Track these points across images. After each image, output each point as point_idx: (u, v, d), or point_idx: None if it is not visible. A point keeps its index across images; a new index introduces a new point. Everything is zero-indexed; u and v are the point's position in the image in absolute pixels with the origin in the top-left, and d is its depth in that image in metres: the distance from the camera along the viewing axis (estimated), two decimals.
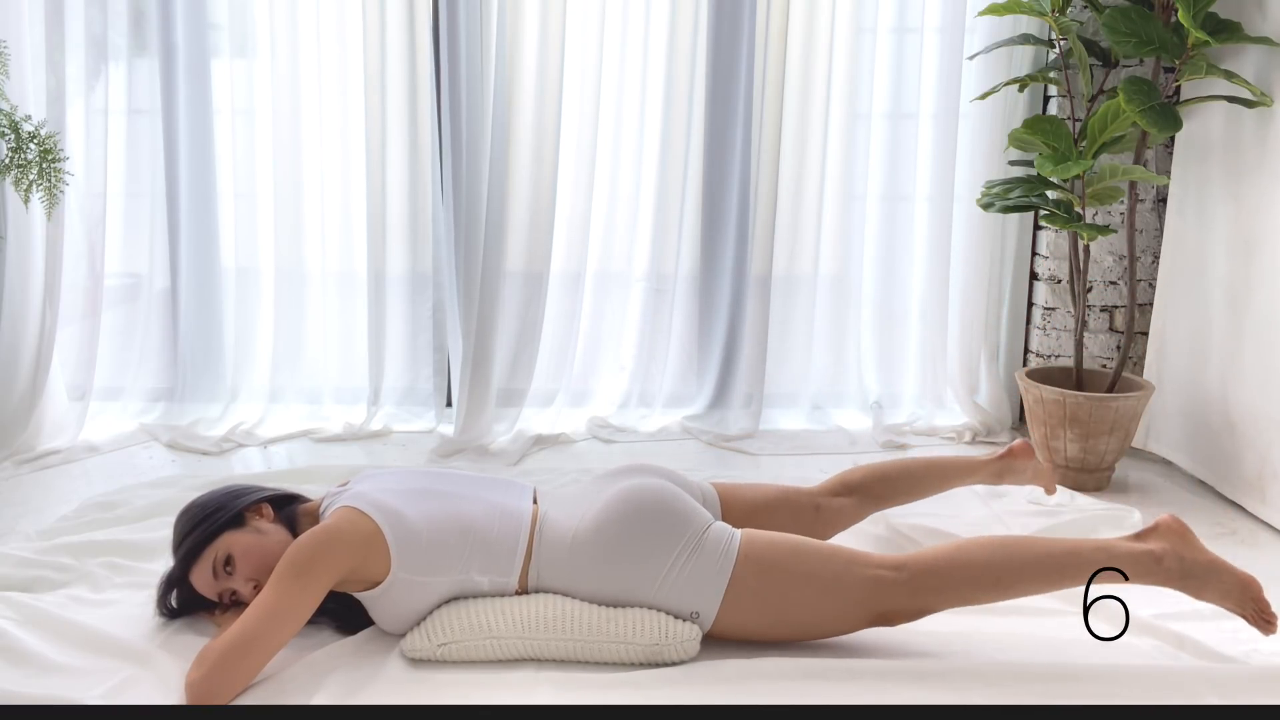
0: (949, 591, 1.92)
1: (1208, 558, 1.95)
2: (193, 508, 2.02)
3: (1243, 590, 1.93)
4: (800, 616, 1.92)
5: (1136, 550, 1.94)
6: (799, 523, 2.20)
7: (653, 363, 3.43)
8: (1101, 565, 1.92)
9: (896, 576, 1.90)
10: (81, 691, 1.76)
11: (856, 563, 1.93)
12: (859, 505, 2.29)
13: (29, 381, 3.09)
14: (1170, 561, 1.93)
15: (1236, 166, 2.80)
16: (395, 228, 3.30)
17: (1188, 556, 1.94)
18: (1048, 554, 1.94)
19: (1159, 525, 1.99)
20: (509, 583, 1.96)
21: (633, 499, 1.96)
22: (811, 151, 3.30)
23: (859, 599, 1.91)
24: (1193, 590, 1.94)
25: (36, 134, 2.55)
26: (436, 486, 2.04)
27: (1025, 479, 2.44)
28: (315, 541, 1.86)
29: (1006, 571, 1.92)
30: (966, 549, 1.94)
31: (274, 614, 1.80)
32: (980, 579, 1.92)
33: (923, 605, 1.92)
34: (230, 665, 1.76)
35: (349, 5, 3.22)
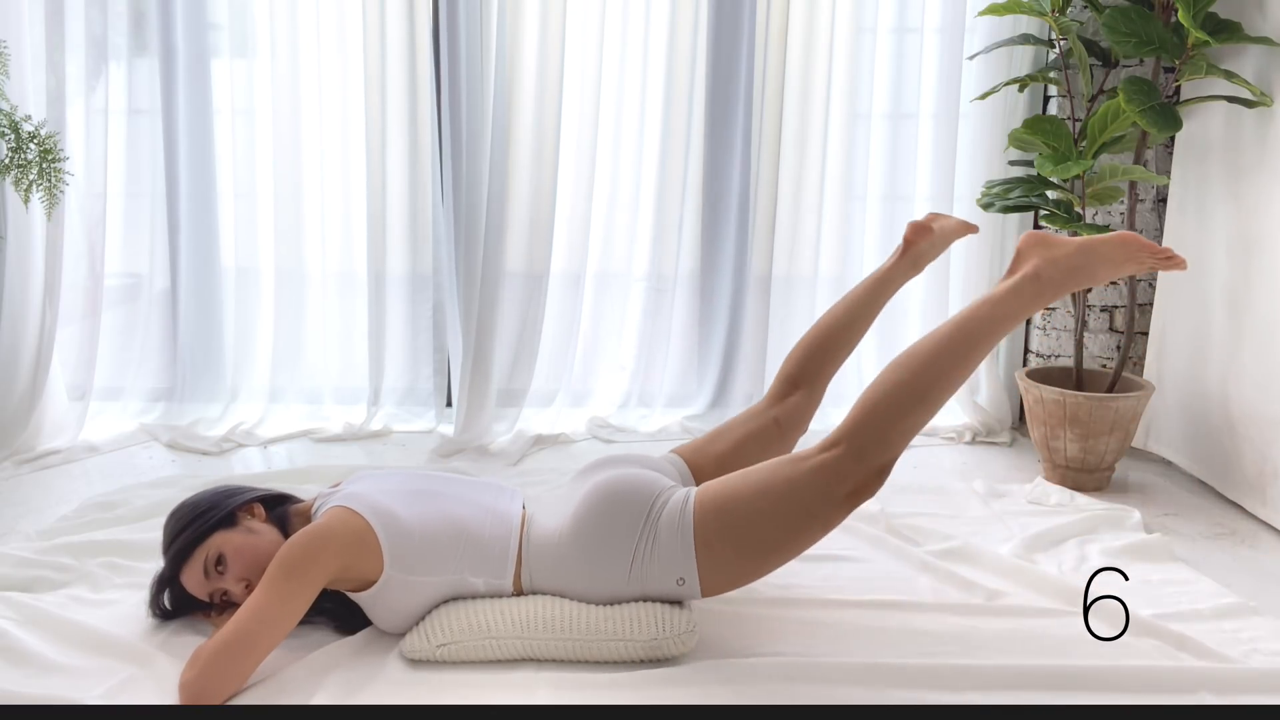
0: (889, 433, 1.85)
1: (1076, 244, 1.92)
2: (183, 508, 2.02)
3: (1125, 248, 1.90)
4: (775, 535, 1.88)
5: (1015, 282, 1.91)
6: (769, 446, 2.18)
7: (653, 363, 3.43)
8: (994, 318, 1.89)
9: (837, 453, 1.85)
10: (81, 691, 1.76)
11: (797, 460, 1.88)
12: (810, 392, 2.24)
13: (29, 381, 3.10)
14: (1048, 270, 1.90)
15: (1236, 166, 2.80)
16: (395, 228, 3.31)
17: (1059, 256, 1.91)
18: (945, 337, 1.88)
19: (1019, 249, 1.96)
20: (504, 585, 1.96)
21: (595, 495, 1.96)
22: (811, 151, 3.30)
23: (818, 492, 1.85)
24: (1086, 279, 1.91)
25: (36, 134, 2.55)
26: (429, 487, 2.04)
27: (940, 248, 2.36)
28: (307, 540, 1.86)
29: (920, 380, 1.86)
30: (878, 387, 1.88)
31: (266, 614, 1.79)
32: (905, 404, 1.85)
33: (876, 461, 1.85)
34: (223, 665, 1.76)
35: (349, 5, 3.22)
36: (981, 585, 2.22)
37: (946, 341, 1.87)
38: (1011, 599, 2.18)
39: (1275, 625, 2.09)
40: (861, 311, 2.29)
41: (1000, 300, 1.90)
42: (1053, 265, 1.90)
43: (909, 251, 2.31)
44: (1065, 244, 1.92)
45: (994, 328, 1.89)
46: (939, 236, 2.34)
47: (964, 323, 1.89)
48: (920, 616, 2.11)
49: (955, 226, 2.37)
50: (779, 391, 2.25)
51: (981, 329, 1.88)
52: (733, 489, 1.91)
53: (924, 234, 2.32)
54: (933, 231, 2.33)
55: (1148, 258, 1.90)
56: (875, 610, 2.12)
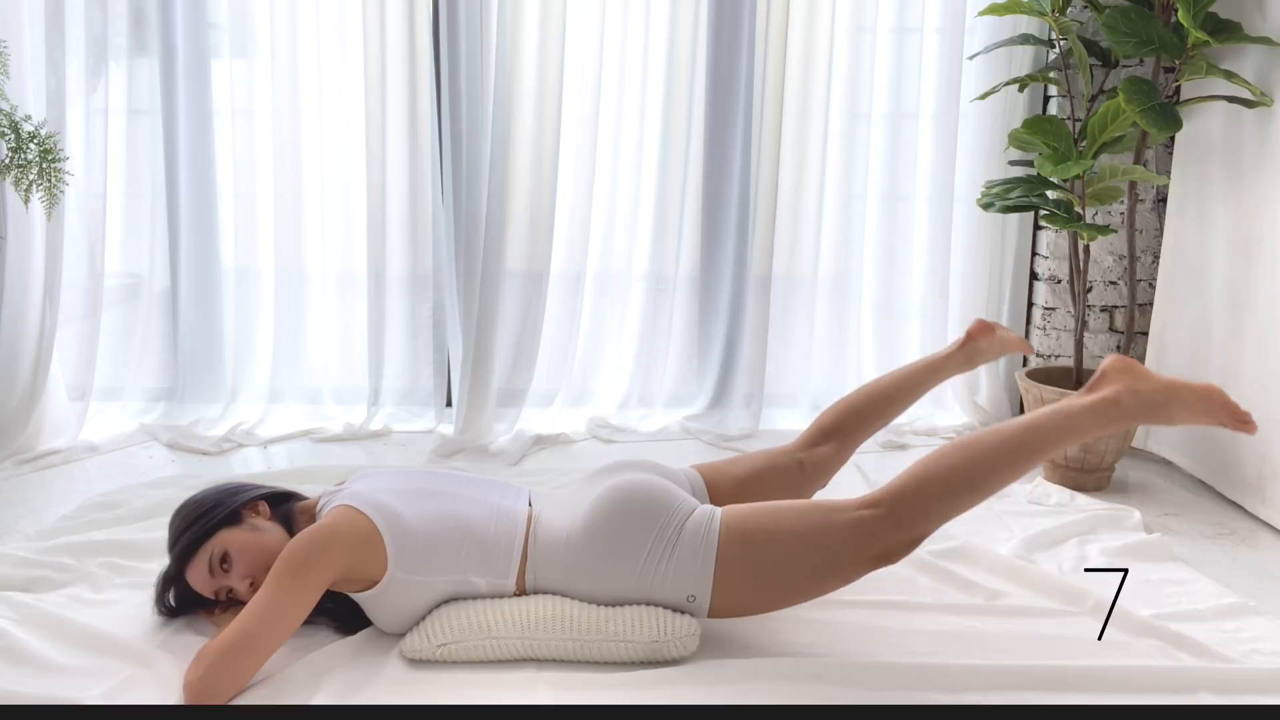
0: (931, 510, 1.87)
1: (1162, 382, 1.92)
2: (188, 505, 2.02)
3: (1207, 401, 1.90)
4: (795, 577, 1.89)
5: (1092, 401, 1.91)
6: (787, 484, 2.18)
7: (653, 363, 3.43)
8: (1064, 429, 1.89)
9: (877, 513, 1.86)
10: (81, 691, 1.76)
11: (835, 510, 1.89)
12: (840, 447, 2.26)
13: (29, 381, 3.10)
14: (1128, 400, 1.90)
15: (1236, 166, 2.80)
16: (395, 228, 3.31)
17: (1143, 389, 1.91)
18: (1011, 437, 1.89)
19: (1105, 370, 1.95)
20: (506, 584, 1.96)
21: (616, 495, 1.96)
22: (811, 151, 3.30)
23: (848, 546, 1.86)
24: (1161, 418, 1.91)
25: (36, 134, 2.55)
26: (434, 486, 2.04)
27: (994, 353, 2.40)
28: (312, 540, 1.86)
29: (977, 470, 1.87)
30: (933, 462, 1.89)
31: (271, 614, 1.79)
32: (956, 486, 1.86)
33: (912, 533, 1.87)
34: (228, 665, 1.76)
35: (349, 5, 3.22)
36: (981, 585, 2.22)
37: (1012, 440, 1.88)
38: (1011, 599, 2.18)
39: (1275, 625, 2.09)
40: (907, 390, 2.34)
41: (1075, 415, 1.91)
42: (1134, 396, 1.90)
43: (967, 345, 2.38)
44: (1151, 379, 1.93)
45: (1061, 439, 1.91)
46: (998, 342, 2.40)
47: (1034, 426, 1.90)
48: (920, 616, 2.11)
49: (1014, 341, 2.43)
50: (810, 439, 2.27)
51: (1049, 437, 1.89)
52: (762, 521, 1.91)
53: (987, 333, 2.38)
54: (994, 335, 2.39)
55: (1224, 414, 1.90)
56: (875, 610, 2.12)
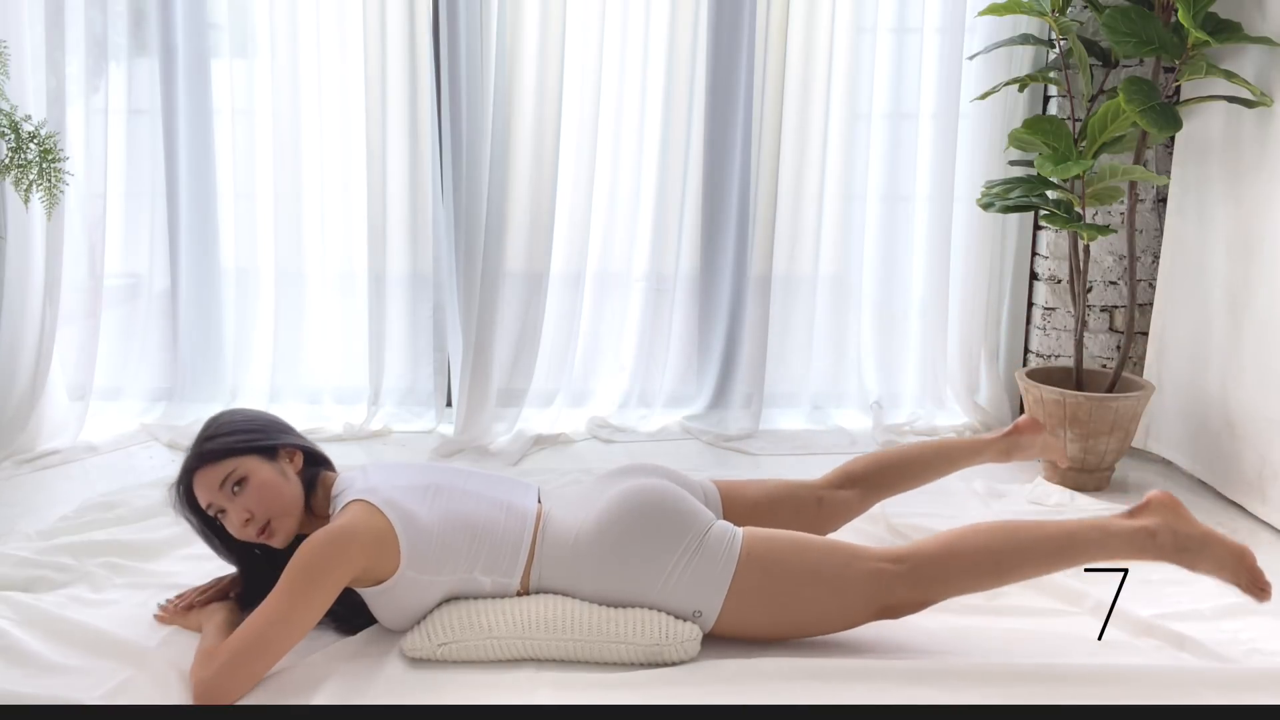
0: (951, 580, 1.92)
1: (1200, 530, 1.96)
2: (236, 415, 2.03)
3: (1237, 560, 1.94)
4: (803, 613, 1.92)
5: (1132, 527, 1.96)
6: (801, 517, 2.19)
7: (653, 363, 3.43)
8: (1097, 544, 1.93)
9: (898, 569, 1.90)
10: (81, 692, 1.76)
11: (858, 557, 1.92)
12: (863, 496, 2.27)
13: (29, 381, 3.10)
14: (1164, 537, 1.94)
15: (1236, 166, 2.80)
16: (395, 228, 3.30)
17: (1181, 530, 1.95)
18: (1046, 537, 1.94)
19: (1151, 501, 2.00)
20: (511, 583, 1.96)
21: (635, 499, 1.96)
22: (811, 151, 3.30)
23: (862, 593, 1.90)
24: (1188, 563, 1.95)
25: (36, 134, 2.55)
26: (446, 483, 2.03)
27: (1033, 453, 2.44)
28: (330, 543, 1.84)
29: (1006, 557, 1.92)
30: (966, 537, 1.94)
31: (287, 617, 1.79)
32: (981, 566, 1.92)
33: (925, 596, 1.92)
34: (240, 665, 1.76)
35: (349, 5, 3.22)
36: None
37: (1049, 542, 1.94)
38: (1011, 599, 2.18)
39: (1275, 625, 2.09)
40: (941, 464, 2.37)
41: (1112, 534, 1.95)
42: (1171, 534, 1.95)
43: (1011, 437, 2.42)
44: (1193, 524, 1.98)
45: (1093, 554, 1.95)
46: (1040, 444, 2.44)
47: (1073, 534, 1.95)
48: (920, 616, 2.10)
49: (1056, 449, 2.49)
50: (836, 481, 2.28)
51: (1082, 549, 1.94)
52: (785, 554, 1.93)
53: (1034, 430, 2.43)
54: (1040, 435, 2.43)
55: (1245, 578, 1.94)
56: None
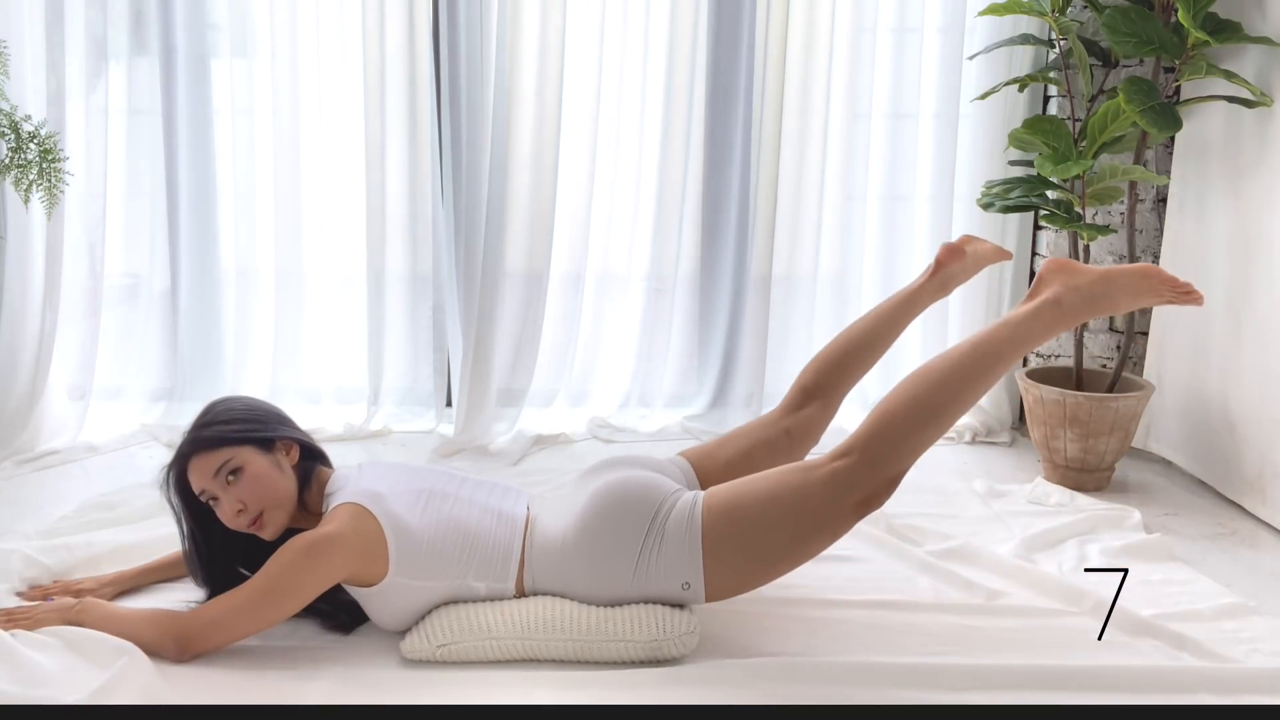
0: (900, 445, 1.88)
1: (1098, 273, 1.95)
2: (236, 403, 2.04)
3: (1146, 279, 1.93)
4: (782, 543, 1.90)
5: (1034, 307, 1.94)
6: (778, 457, 2.17)
7: (653, 363, 3.43)
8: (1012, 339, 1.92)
9: (849, 462, 1.87)
10: (76, 691, 1.75)
11: (809, 468, 1.90)
12: (825, 404, 2.24)
13: (29, 381, 3.09)
14: (1069, 298, 1.93)
15: (1236, 166, 2.80)
16: (395, 228, 3.30)
17: (1081, 284, 1.94)
18: (963, 357, 1.91)
19: (1042, 274, 1.99)
20: (505, 589, 1.96)
21: (601, 496, 1.96)
22: (811, 151, 3.30)
23: (827, 500, 1.87)
24: (1106, 308, 1.94)
25: (36, 134, 2.55)
26: (438, 487, 2.04)
27: (970, 273, 2.36)
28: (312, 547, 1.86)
29: (936, 396, 1.89)
30: (892, 400, 1.91)
31: (254, 611, 1.86)
32: (919, 417, 1.88)
33: (887, 472, 1.88)
34: (193, 642, 1.85)
35: (349, 5, 3.21)
36: (981, 585, 2.22)
37: (963, 360, 1.90)
38: (1011, 599, 2.18)
39: (1275, 625, 2.09)
40: (884, 329, 2.29)
41: (1019, 323, 1.93)
42: (1074, 292, 1.93)
43: (939, 273, 2.32)
44: (1087, 272, 1.94)
45: (1011, 350, 1.92)
46: (971, 260, 2.35)
47: (981, 343, 1.92)
48: (920, 616, 2.11)
49: (989, 251, 2.37)
50: (793, 402, 2.24)
51: (998, 350, 1.91)
52: (741, 495, 1.92)
53: (956, 256, 2.33)
54: (965, 255, 2.34)
55: (1167, 291, 1.92)
56: (875, 610, 2.12)
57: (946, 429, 1.92)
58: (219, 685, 1.81)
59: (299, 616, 1.96)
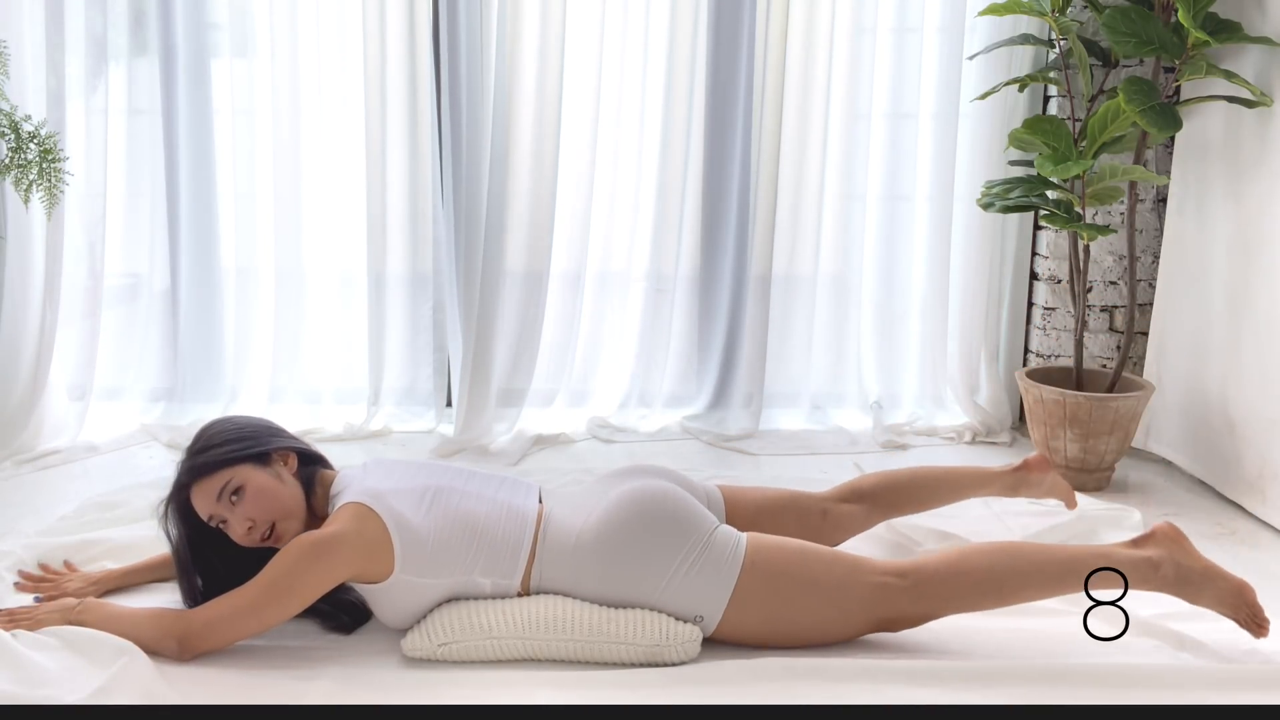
0: (952, 598, 1.94)
1: (1203, 564, 1.98)
2: (226, 424, 2.03)
3: (1237, 596, 1.96)
4: (803, 622, 1.93)
5: (1135, 557, 1.97)
6: (805, 527, 2.19)
7: (653, 363, 3.43)
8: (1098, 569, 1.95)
9: (901, 583, 1.92)
10: (77, 691, 1.75)
11: (861, 569, 1.94)
12: (868, 513, 2.28)
13: (29, 381, 3.09)
14: (1167, 568, 1.96)
15: (1236, 166, 2.80)
16: (395, 228, 3.30)
17: (1184, 563, 1.97)
18: (1050, 560, 1.97)
19: (1155, 532, 2.02)
20: (511, 584, 1.96)
21: (638, 501, 1.96)
22: (811, 151, 3.30)
23: (863, 605, 1.92)
24: (1189, 596, 1.97)
25: (36, 134, 2.55)
26: (447, 483, 2.03)
27: (1041, 492, 2.42)
28: (315, 547, 1.86)
29: (1009, 578, 1.94)
30: (970, 556, 1.97)
31: (258, 611, 1.85)
32: (983, 585, 1.94)
33: (925, 611, 1.94)
34: (196, 641, 1.85)
35: (349, 5, 3.22)
36: None
37: (1052, 565, 1.96)
38: None
39: (1275, 625, 2.08)
40: (950, 489, 2.36)
41: (1114, 561, 1.96)
42: (1174, 567, 1.96)
43: (1018, 474, 2.39)
44: (1196, 558, 1.99)
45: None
46: (1049, 484, 2.41)
47: (1074, 558, 1.97)
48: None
49: (1064, 491, 2.43)
50: (842, 495, 2.28)
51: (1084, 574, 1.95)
52: (787, 560, 1.94)
53: (1042, 469, 2.40)
54: (1048, 475, 2.40)
55: (1246, 613, 1.96)
56: None
57: (996, 608, 1.99)
58: (219, 685, 1.81)
59: (300, 616, 1.96)
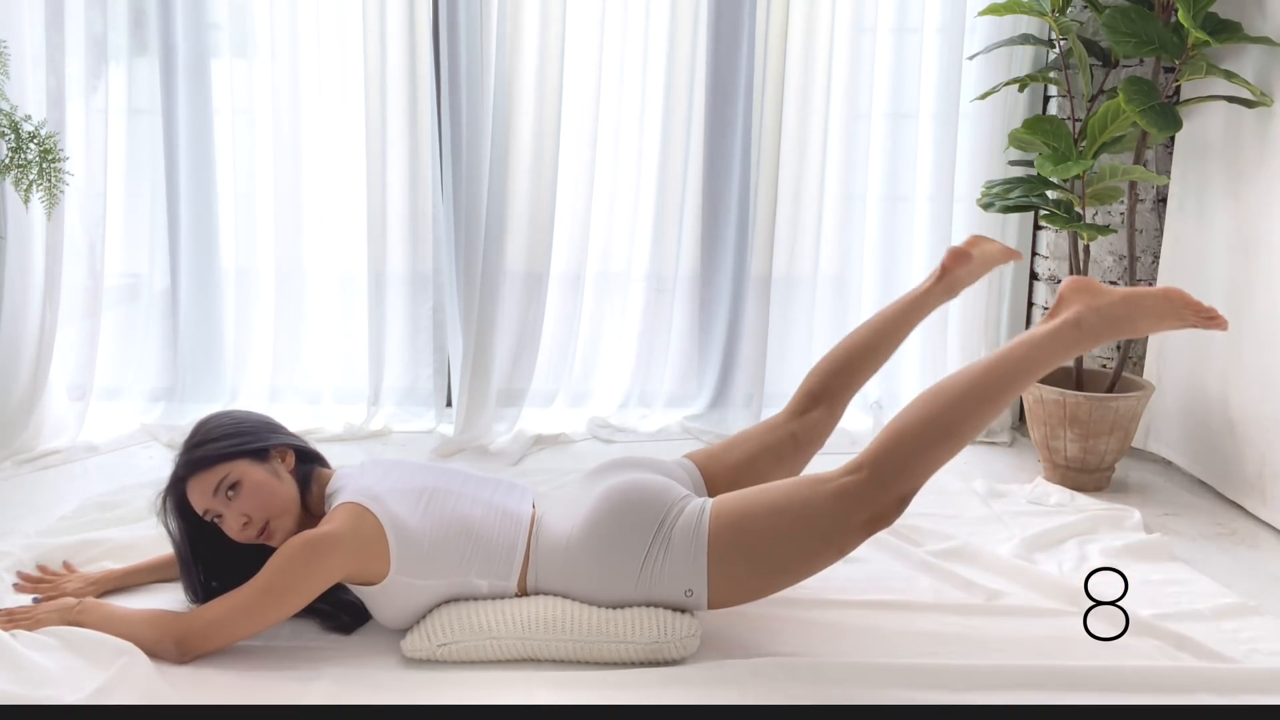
0: (912, 464, 1.86)
1: (1120, 294, 1.92)
2: (224, 418, 2.03)
3: (1169, 303, 1.90)
4: (788, 556, 1.89)
5: (1054, 326, 1.91)
6: (783, 460, 2.17)
7: (653, 363, 3.43)
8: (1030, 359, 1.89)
9: (859, 478, 1.85)
10: (76, 691, 1.75)
11: (819, 481, 1.89)
12: (830, 409, 2.23)
13: (29, 381, 3.09)
14: (1089, 318, 1.90)
15: (1236, 166, 2.80)
16: (395, 228, 3.30)
17: (1102, 305, 1.90)
18: (979, 376, 1.88)
19: (1062, 293, 1.95)
20: (508, 586, 1.96)
21: (609, 498, 1.96)
22: (811, 151, 3.30)
23: (835, 515, 1.86)
24: (1127, 331, 1.91)
25: (36, 134, 2.55)
26: (443, 485, 2.04)
27: (977, 274, 2.34)
28: (310, 546, 1.87)
29: (951, 414, 1.86)
30: (906, 417, 1.89)
31: (255, 612, 1.86)
32: (933, 436, 1.85)
33: (898, 491, 1.86)
34: (193, 644, 1.85)
35: (349, 5, 3.21)
36: (981, 585, 2.22)
37: (980, 379, 1.87)
38: (1011, 599, 2.18)
39: (1275, 625, 2.09)
40: (890, 333, 2.28)
41: (1038, 343, 1.90)
42: (1095, 313, 1.90)
43: (945, 277, 2.31)
44: (1109, 293, 1.92)
45: (1029, 369, 1.89)
46: (978, 262, 2.33)
47: (999, 362, 1.89)
48: (920, 616, 2.11)
49: (997, 252, 2.35)
50: (798, 407, 2.23)
51: (1016, 370, 1.88)
52: (750, 505, 1.91)
53: (962, 260, 2.31)
54: (971, 258, 2.32)
55: (1190, 314, 1.90)
56: (875, 610, 2.12)
57: (959, 449, 1.89)
58: (219, 685, 1.81)
59: (299, 616, 1.96)
